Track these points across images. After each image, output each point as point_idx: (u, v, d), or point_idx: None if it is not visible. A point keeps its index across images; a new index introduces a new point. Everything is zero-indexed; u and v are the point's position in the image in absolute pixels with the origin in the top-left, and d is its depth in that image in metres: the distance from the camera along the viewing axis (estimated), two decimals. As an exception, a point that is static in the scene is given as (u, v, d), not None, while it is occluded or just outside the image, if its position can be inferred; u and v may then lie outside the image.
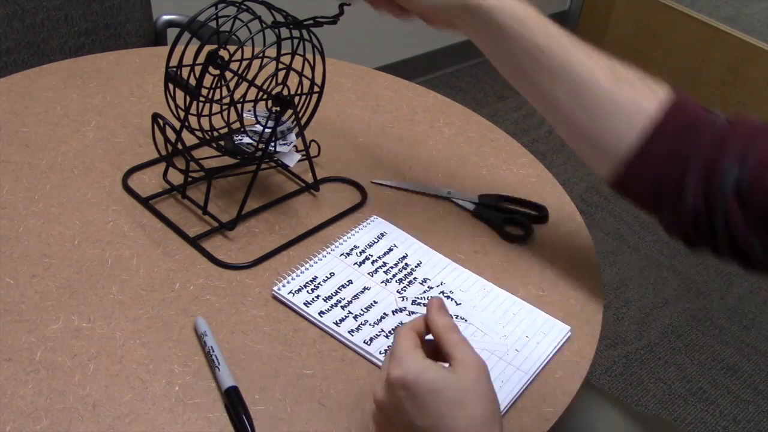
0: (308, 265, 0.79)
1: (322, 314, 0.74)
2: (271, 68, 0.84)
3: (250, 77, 0.79)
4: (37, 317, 0.70)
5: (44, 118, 0.95)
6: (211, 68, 0.78)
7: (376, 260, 0.82)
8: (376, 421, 0.61)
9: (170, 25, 1.38)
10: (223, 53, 0.79)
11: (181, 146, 0.80)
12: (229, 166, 0.88)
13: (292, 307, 0.75)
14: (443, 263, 0.82)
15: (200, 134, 0.83)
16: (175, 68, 0.80)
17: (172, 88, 0.82)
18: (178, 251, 0.79)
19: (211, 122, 0.82)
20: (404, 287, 0.79)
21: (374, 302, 0.77)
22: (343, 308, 0.75)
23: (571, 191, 1.80)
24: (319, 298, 0.76)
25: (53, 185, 0.85)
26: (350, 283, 0.78)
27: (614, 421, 0.90)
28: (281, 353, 0.71)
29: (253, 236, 0.83)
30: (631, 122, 0.70)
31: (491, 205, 0.91)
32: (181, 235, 0.81)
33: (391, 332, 0.73)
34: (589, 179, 2.37)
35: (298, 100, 0.86)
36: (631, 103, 0.71)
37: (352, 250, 0.82)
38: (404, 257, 0.83)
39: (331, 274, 0.79)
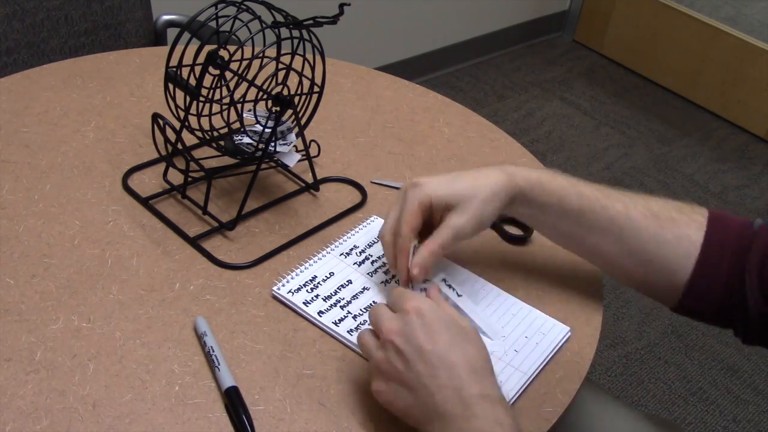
0: (308, 264, 0.79)
1: (321, 314, 0.74)
2: (271, 68, 0.84)
3: (250, 77, 0.79)
4: (37, 317, 0.70)
5: (44, 118, 0.95)
6: (211, 68, 0.78)
7: (375, 260, 0.82)
8: (377, 390, 0.63)
9: (170, 25, 1.38)
10: (223, 53, 0.79)
11: (181, 146, 0.80)
12: (229, 166, 0.88)
13: (291, 306, 0.75)
14: (443, 263, 0.82)
15: (200, 134, 0.83)
16: (175, 68, 0.80)
17: (172, 88, 0.82)
18: (178, 251, 0.79)
19: (211, 122, 0.82)
20: (404, 287, 0.79)
21: (374, 302, 0.77)
22: (342, 308, 0.75)
23: (571, 191, 1.79)
24: (318, 297, 0.76)
25: (53, 185, 0.85)
26: (350, 282, 0.78)
27: (614, 421, 0.90)
28: (281, 353, 0.71)
29: (253, 236, 0.83)
30: (680, 256, 0.72)
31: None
32: (181, 235, 0.81)
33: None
34: (589, 179, 2.35)
35: (298, 100, 0.86)
36: (676, 238, 0.72)
37: (351, 250, 0.82)
38: (404, 257, 0.83)
39: (330, 273, 0.79)
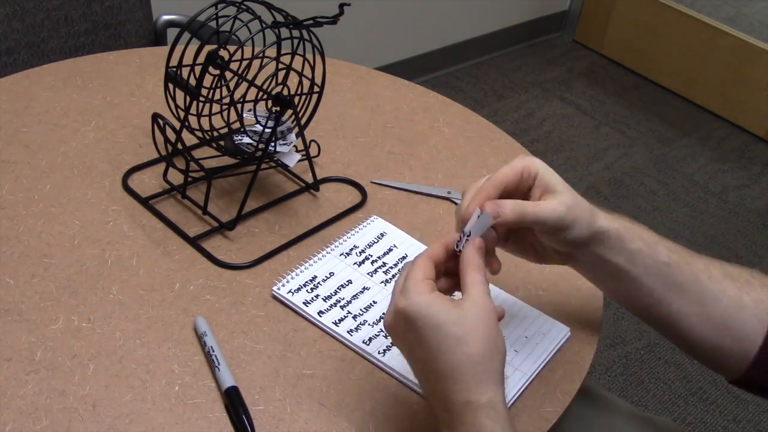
0: (308, 264, 0.79)
1: (321, 314, 0.74)
2: (271, 68, 0.84)
3: (250, 77, 0.79)
4: (37, 317, 0.70)
5: (44, 118, 0.95)
6: (211, 68, 0.78)
7: (375, 260, 0.82)
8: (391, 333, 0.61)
9: (170, 25, 1.38)
10: (223, 53, 0.79)
11: (181, 146, 0.80)
12: (229, 166, 0.88)
13: (291, 306, 0.75)
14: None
15: (200, 134, 0.83)
16: (175, 68, 0.80)
17: (172, 88, 0.82)
18: (178, 251, 0.79)
19: (211, 122, 0.82)
20: (404, 287, 0.79)
21: (373, 302, 0.77)
22: (342, 308, 0.75)
23: (571, 191, 1.79)
24: (318, 297, 0.76)
25: (53, 185, 0.85)
26: (350, 282, 0.78)
27: (615, 421, 0.90)
28: (281, 353, 0.71)
29: (253, 236, 0.83)
30: (756, 322, 0.69)
31: (491, 205, 0.91)
32: (181, 235, 0.81)
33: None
34: (589, 179, 2.37)
35: (298, 100, 0.86)
36: (754, 302, 0.70)
37: (351, 250, 0.82)
38: (404, 257, 0.83)
39: (330, 273, 0.79)
